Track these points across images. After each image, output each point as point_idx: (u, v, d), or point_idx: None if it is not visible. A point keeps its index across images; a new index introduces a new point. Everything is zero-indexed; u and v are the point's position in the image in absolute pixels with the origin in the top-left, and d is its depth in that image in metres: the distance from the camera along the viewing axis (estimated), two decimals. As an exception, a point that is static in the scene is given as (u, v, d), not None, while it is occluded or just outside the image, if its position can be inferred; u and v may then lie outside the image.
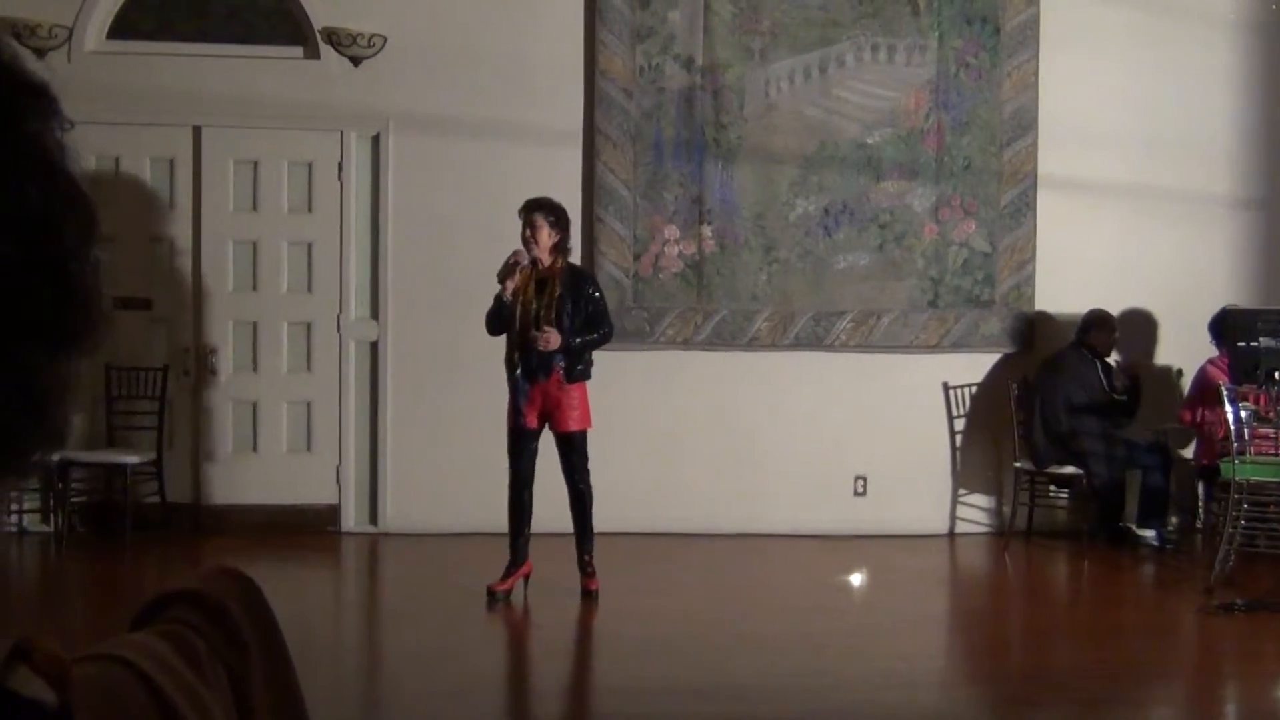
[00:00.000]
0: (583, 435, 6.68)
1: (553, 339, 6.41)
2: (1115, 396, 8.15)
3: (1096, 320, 8.29)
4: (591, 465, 6.76)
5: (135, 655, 0.74)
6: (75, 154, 0.71)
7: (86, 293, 0.70)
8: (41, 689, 0.66)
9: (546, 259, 6.51)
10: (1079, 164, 8.58)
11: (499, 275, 6.51)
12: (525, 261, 6.46)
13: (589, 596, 6.74)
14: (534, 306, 6.48)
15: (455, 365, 8.11)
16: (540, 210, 6.51)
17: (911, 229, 8.54)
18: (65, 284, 0.69)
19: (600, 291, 6.77)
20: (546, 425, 6.68)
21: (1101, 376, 8.19)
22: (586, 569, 6.79)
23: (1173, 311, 8.65)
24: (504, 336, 6.57)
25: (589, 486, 6.75)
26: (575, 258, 8.26)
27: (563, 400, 6.57)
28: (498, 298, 6.52)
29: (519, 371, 6.55)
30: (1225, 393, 6.96)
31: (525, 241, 6.50)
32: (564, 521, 6.76)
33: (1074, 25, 8.57)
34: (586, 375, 6.67)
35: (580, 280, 6.63)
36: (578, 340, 6.51)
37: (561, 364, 6.52)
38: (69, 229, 0.69)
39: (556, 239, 6.51)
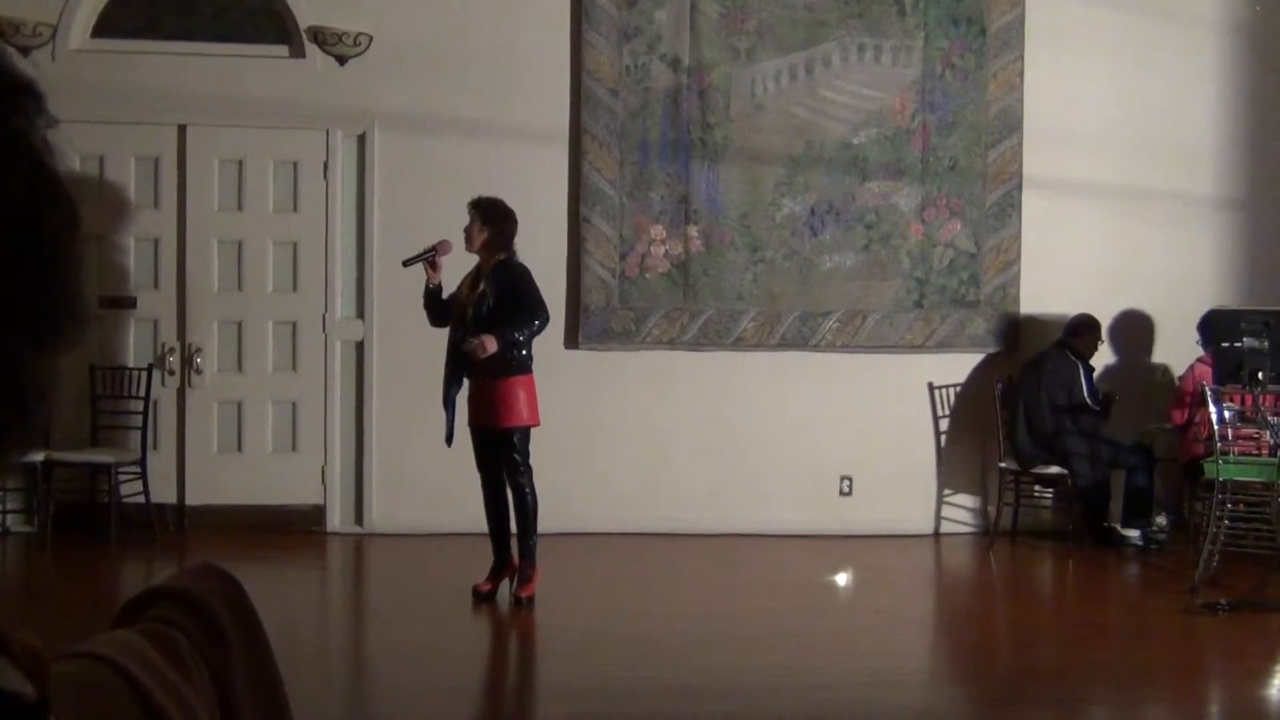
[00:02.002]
0: (518, 432, 6.54)
1: (488, 344, 6.38)
2: (1091, 405, 8.17)
3: (1084, 325, 8.32)
4: (575, 465, 6.72)
5: (117, 653, 0.74)
6: (60, 151, 0.71)
7: (70, 288, 0.70)
8: (20, 681, 0.66)
9: (481, 254, 6.57)
10: (1064, 165, 8.61)
11: (408, 259, 6.59)
12: (448, 250, 6.58)
13: (518, 604, 6.58)
14: (466, 302, 6.57)
15: (441, 365, 8.08)
16: (474, 207, 6.59)
17: (897, 229, 8.55)
18: (48, 279, 0.69)
19: (522, 282, 6.50)
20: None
21: (1083, 380, 8.21)
22: (521, 573, 6.64)
23: (1157, 312, 8.69)
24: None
25: (523, 487, 6.56)
26: (556, 258, 8.30)
27: (492, 397, 6.51)
28: (425, 286, 6.66)
29: (447, 367, 6.61)
30: (1209, 393, 6.99)
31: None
32: (547, 523, 6.73)
33: (1059, 27, 8.59)
34: (522, 369, 6.51)
35: (502, 275, 6.51)
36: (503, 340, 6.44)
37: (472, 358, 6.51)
38: (52, 225, 0.70)
39: (485, 235, 6.52)
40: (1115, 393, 8.37)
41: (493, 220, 6.52)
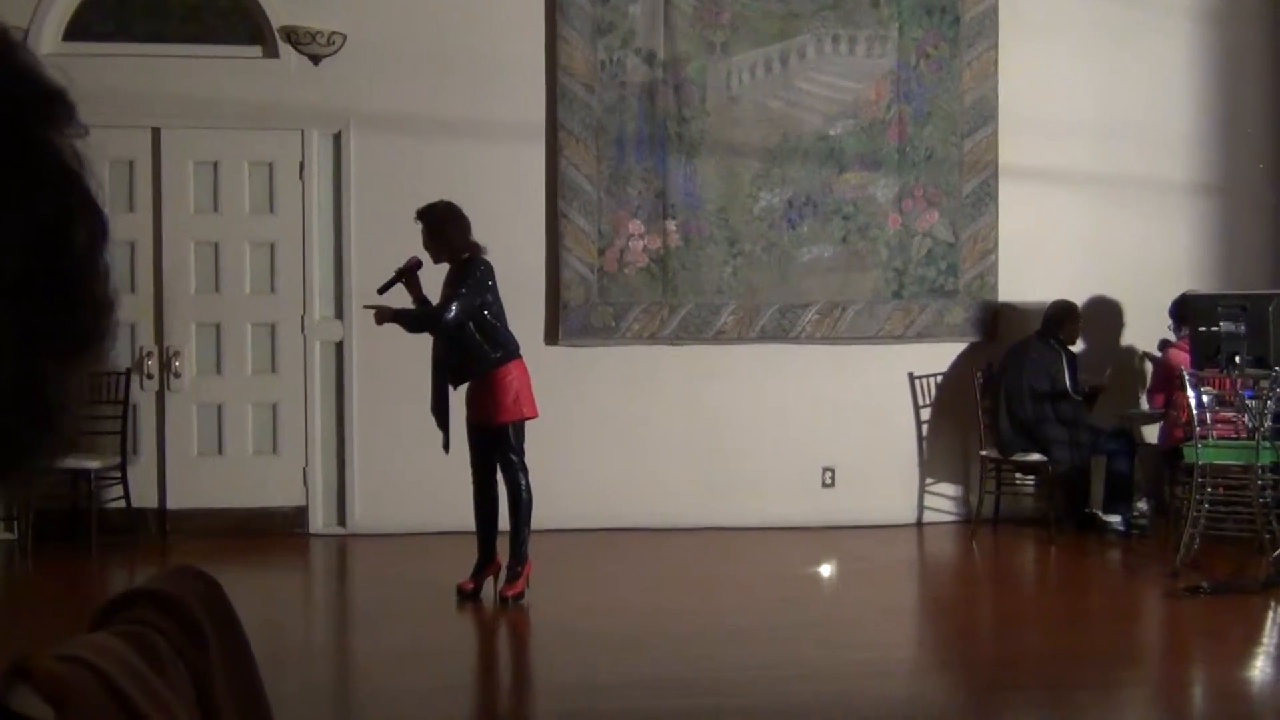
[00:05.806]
0: (512, 427, 6.54)
1: (380, 314, 6.44)
2: (1073, 396, 8.20)
3: (1065, 312, 8.34)
4: (557, 461, 6.68)
5: (95, 656, 0.73)
6: (89, 161, 0.70)
7: (97, 302, 0.70)
8: (39, 707, 0.66)
9: (445, 260, 6.55)
10: (1039, 153, 8.63)
11: (382, 285, 6.52)
12: (418, 265, 6.54)
13: (504, 603, 6.57)
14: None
15: (421, 364, 8.06)
16: (419, 218, 6.56)
17: (875, 220, 8.57)
18: (76, 293, 0.68)
19: (459, 279, 6.45)
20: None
21: (1065, 368, 8.24)
22: (509, 571, 6.65)
23: (1135, 297, 8.73)
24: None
25: (519, 483, 6.58)
26: (534, 255, 8.29)
27: (486, 392, 6.53)
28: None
29: (434, 375, 6.62)
30: (1187, 377, 7.02)
31: None
32: (533, 521, 6.73)
33: (1032, 15, 8.62)
34: (508, 358, 6.51)
35: (456, 273, 6.52)
36: (404, 311, 6.47)
37: (454, 361, 6.53)
38: (81, 238, 0.69)
39: (435, 244, 6.52)
40: (1104, 385, 8.41)
41: (436, 227, 6.51)
